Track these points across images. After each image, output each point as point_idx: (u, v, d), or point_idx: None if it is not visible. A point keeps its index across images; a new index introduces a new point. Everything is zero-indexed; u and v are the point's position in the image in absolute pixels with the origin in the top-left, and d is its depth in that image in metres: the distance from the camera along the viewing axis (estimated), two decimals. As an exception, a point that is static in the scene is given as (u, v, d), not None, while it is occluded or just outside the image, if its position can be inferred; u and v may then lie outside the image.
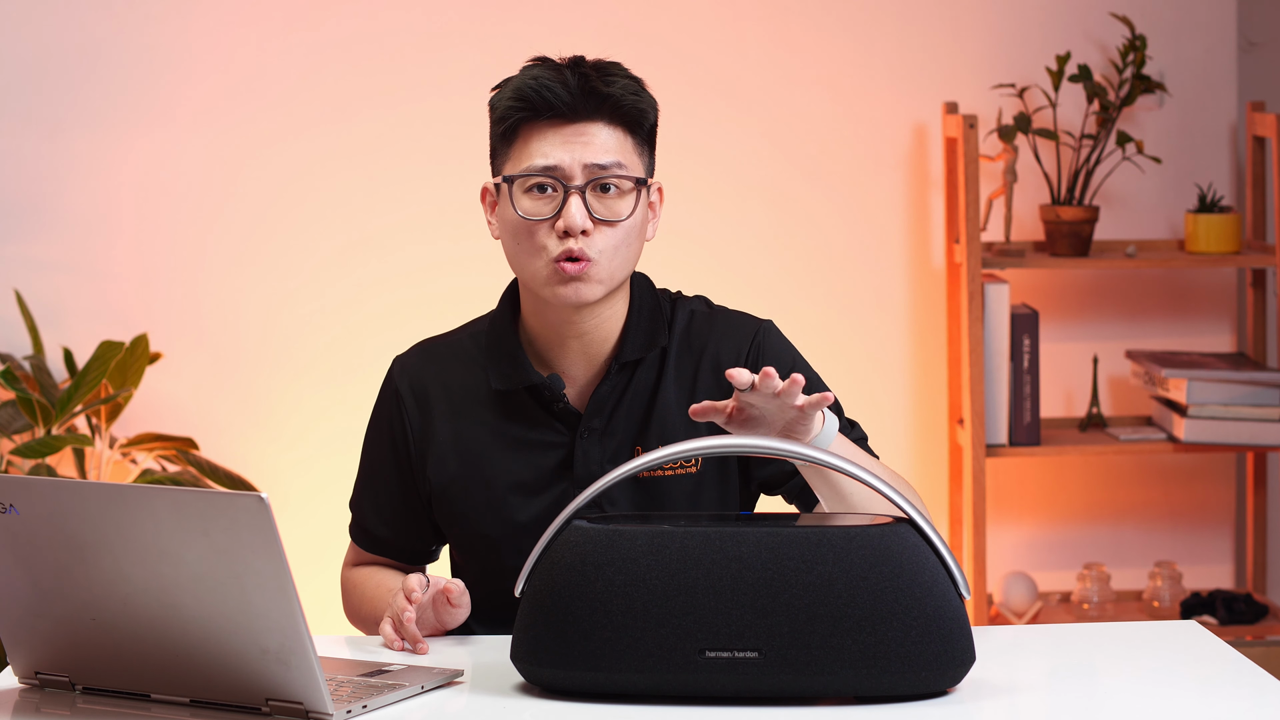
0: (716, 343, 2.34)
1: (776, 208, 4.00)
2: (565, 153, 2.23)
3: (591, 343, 2.31)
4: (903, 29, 3.99)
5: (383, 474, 2.39)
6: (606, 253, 2.23)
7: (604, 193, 2.24)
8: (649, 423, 2.31)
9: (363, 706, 1.91)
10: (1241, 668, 2.05)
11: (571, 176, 2.23)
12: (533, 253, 2.24)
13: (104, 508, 1.86)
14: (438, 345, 2.40)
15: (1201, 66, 4.06)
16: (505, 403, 2.33)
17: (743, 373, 2.03)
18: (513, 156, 2.26)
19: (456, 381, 2.35)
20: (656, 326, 2.33)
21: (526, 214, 2.23)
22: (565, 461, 2.31)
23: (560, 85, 2.22)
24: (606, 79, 2.25)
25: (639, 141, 2.28)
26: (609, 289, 2.26)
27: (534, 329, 2.33)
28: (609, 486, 1.97)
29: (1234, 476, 4.14)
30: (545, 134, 2.24)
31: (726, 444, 2.00)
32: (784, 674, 1.90)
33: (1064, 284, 4.09)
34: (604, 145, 2.24)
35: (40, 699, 1.98)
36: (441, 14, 3.92)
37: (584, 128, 2.23)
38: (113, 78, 3.88)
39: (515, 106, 2.24)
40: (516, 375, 2.31)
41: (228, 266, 3.92)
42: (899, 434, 4.03)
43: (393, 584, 2.36)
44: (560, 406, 2.31)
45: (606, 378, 2.31)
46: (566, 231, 2.21)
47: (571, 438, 2.31)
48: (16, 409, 3.73)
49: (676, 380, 2.33)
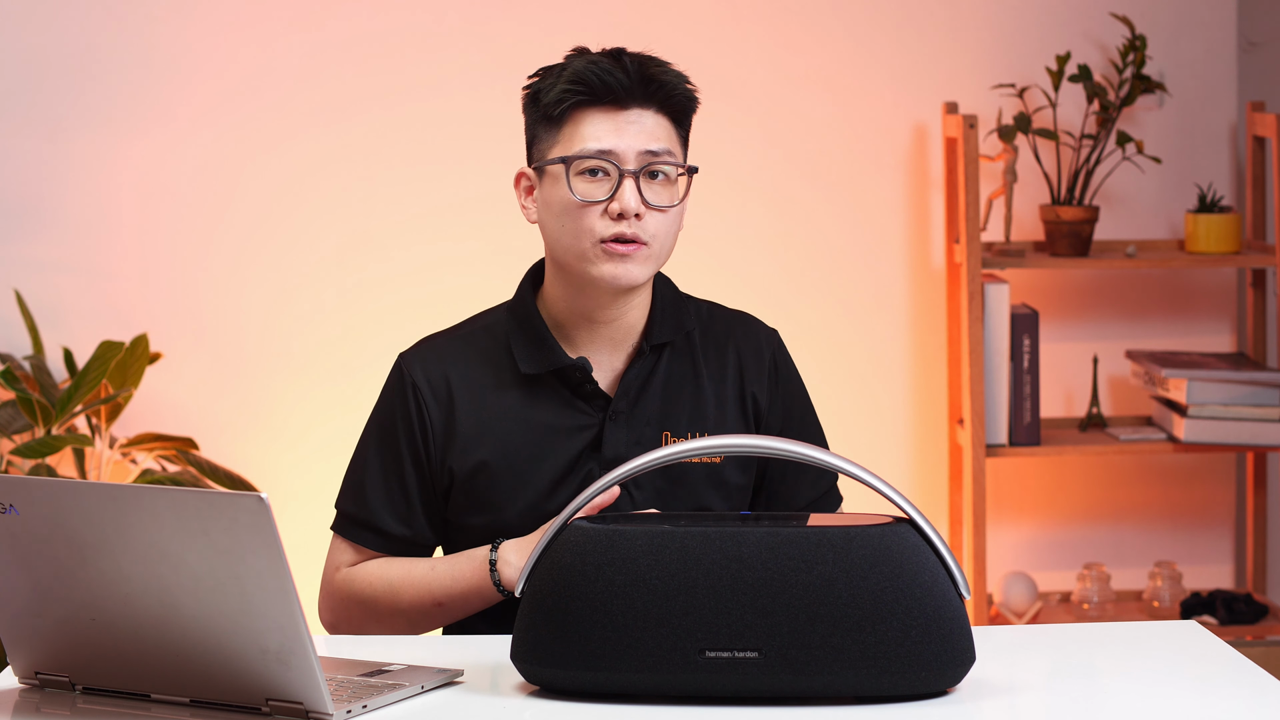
0: (740, 338, 2.41)
1: (776, 208, 4.00)
2: (618, 138, 2.28)
3: (619, 329, 2.35)
4: (903, 29, 3.99)
5: (399, 470, 2.36)
6: (659, 237, 2.29)
7: (653, 179, 2.29)
8: (678, 407, 2.35)
9: (363, 706, 1.91)
10: (1241, 668, 2.05)
11: (625, 161, 2.28)
12: (580, 234, 2.28)
13: (104, 508, 1.86)
14: (447, 339, 2.41)
15: (1201, 66, 4.06)
16: (532, 388, 2.34)
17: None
18: (563, 140, 2.30)
19: (476, 371, 2.36)
20: (682, 313, 2.38)
21: (582, 196, 2.27)
22: (594, 443, 2.33)
23: (620, 71, 2.29)
24: (659, 68, 2.32)
25: (681, 133, 2.35)
26: (652, 273, 2.32)
27: (561, 314, 2.35)
28: (636, 473, 1.99)
29: (1234, 476, 4.14)
30: (598, 119, 2.29)
31: (735, 444, 2.00)
32: (784, 674, 1.90)
33: (1064, 284, 4.09)
34: (654, 132, 2.30)
35: (40, 699, 1.98)
36: (442, 14, 3.92)
37: (636, 114, 2.29)
38: (113, 78, 3.88)
39: (572, 90, 2.29)
40: (546, 358, 2.33)
41: (228, 266, 3.92)
42: (899, 434, 4.03)
43: (419, 565, 2.33)
44: (589, 388, 2.33)
45: (636, 360, 2.34)
46: (621, 214, 2.26)
47: (601, 419, 2.33)
48: (16, 409, 3.73)
49: (708, 368, 2.38)
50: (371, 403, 2.44)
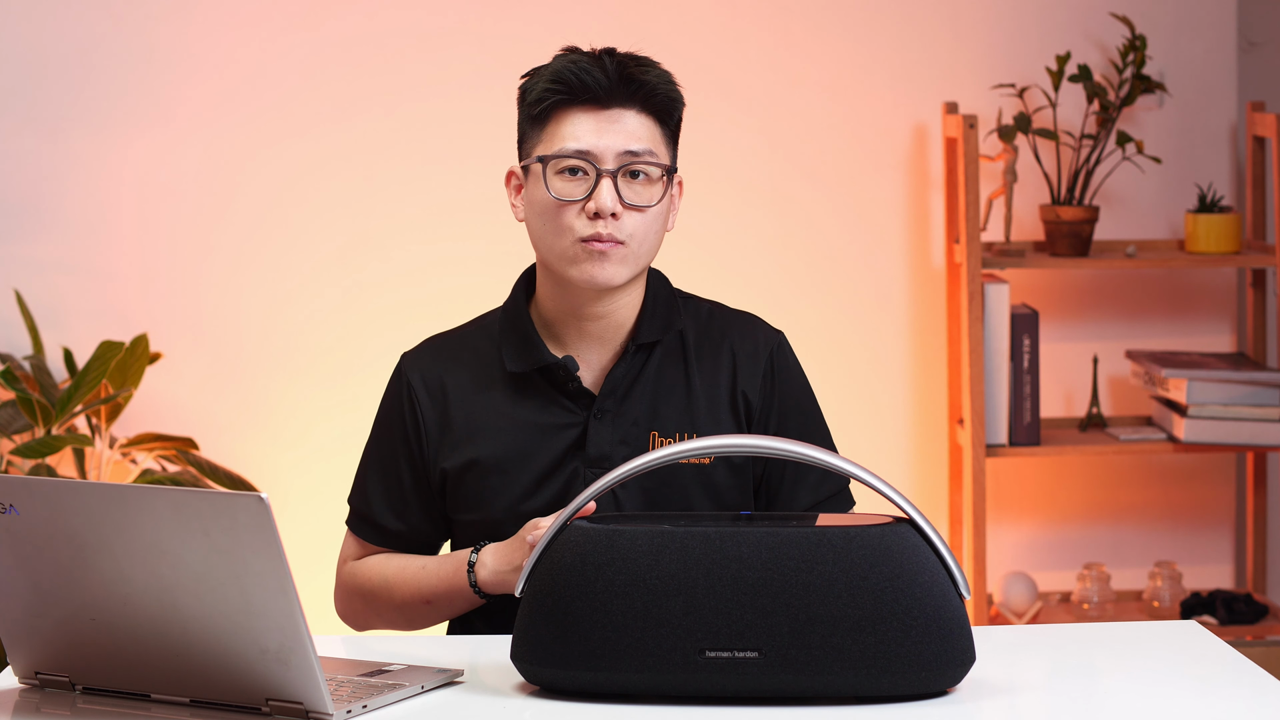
0: (736, 338, 2.40)
1: (776, 208, 4.00)
2: (598, 137, 2.28)
3: (607, 328, 2.35)
4: (903, 29, 3.99)
5: (395, 467, 2.39)
6: (636, 237, 2.28)
7: (633, 179, 2.29)
8: (667, 407, 2.34)
9: (363, 706, 1.91)
10: (1241, 668, 2.05)
11: (603, 160, 2.28)
12: (560, 233, 2.28)
13: (104, 508, 1.86)
14: (447, 339, 2.43)
15: (1201, 66, 4.06)
16: (519, 386, 2.35)
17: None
18: (545, 139, 2.30)
19: (469, 370, 2.38)
20: (672, 312, 2.38)
21: (559, 195, 2.28)
22: (578, 442, 2.33)
23: (598, 70, 2.28)
24: (642, 68, 2.31)
25: (667, 133, 2.33)
26: (634, 273, 2.31)
27: (550, 313, 2.36)
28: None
29: (1234, 476, 4.14)
30: (579, 118, 2.29)
31: (730, 444, 2.00)
32: (784, 674, 1.90)
33: (1064, 284, 4.09)
34: (635, 132, 2.29)
35: (40, 699, 1.98)
36: (442, 14, 3.92)
37: (617, 114, 2.29)
38: (113, 78, 3.88)
39: (552, 89, 2.29)
40: (530, 356, 2.34)
41: (228, 266, 3.92)
42: (899, 434, 4.03)
43: (414, 563, 2.36)
44: (574, 387, 2.33)
45: (622, 359, 2.34)
46: (596, 213, 2.26)
47: (585, 418, 2.33)
48: (16, 409, 3.73)
49: (700, 367, 2.37)
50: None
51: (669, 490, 2.33)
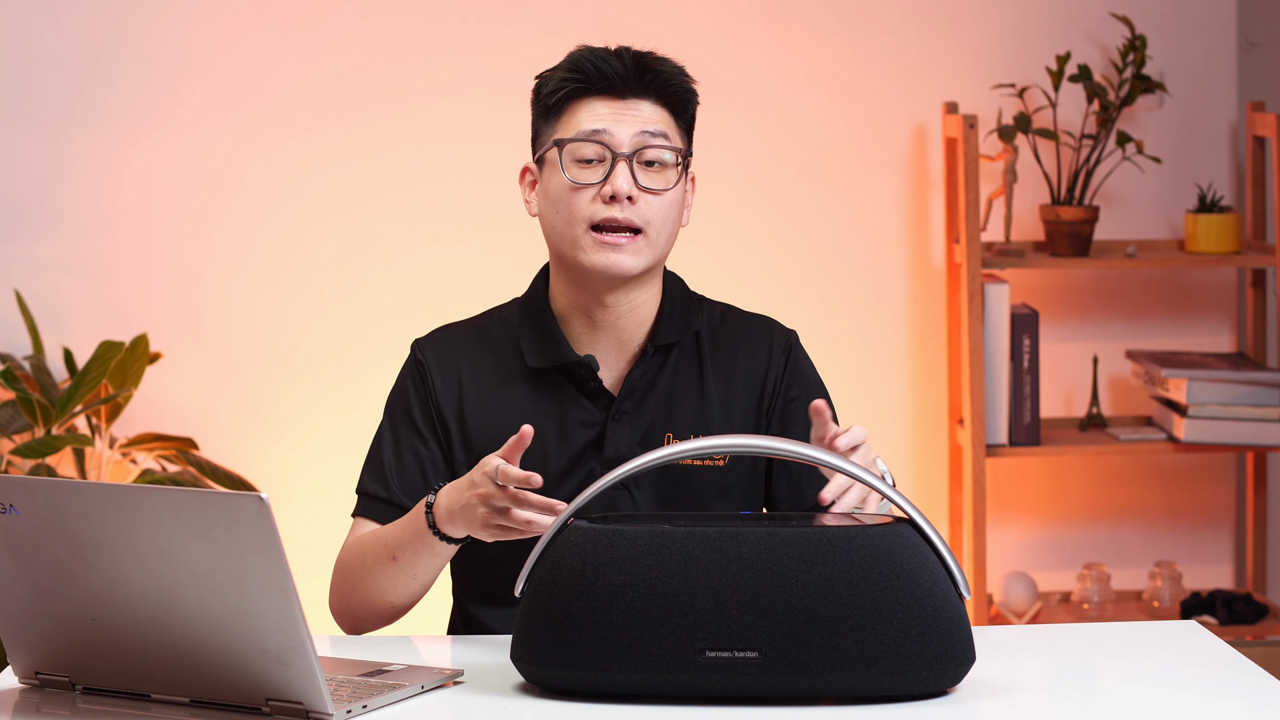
0: (751, 340, 2.40)
1: (776, 208, 4.00)
2: (615, 122, 2.30)
3: (624, 328, 2.35)
4: (903, 29, 3.99)
5: (415, 448, 2.36)
6: (654, 224, 2.29)
7: (648, 166, 2.30)
8: (682, 409, 2.34)
9: (363, 706, 1.91)
10: (1241, 668, 2.05)
11: (620, 144, 2.29)
12: (573, 220, 2.29)
13: (104, 508, 1.86)
14: (461, 329, 2.42)
15: (1201, 66, 4.06)
16: (538, 382, 2.35)
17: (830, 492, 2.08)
18: (560, 128, 2.32)
19: (485, 362, 2.37)
20: (690, 313, 2.38)
21: (575, 179, 2.28)
22: (596, 442, 2.33)
23: (615, 61, 2.31)
24: (657, 59, 2.33)
25: (682, 125, 2.35)
26: (650, 263, 2.30)
27: (565, 313, 2.36)
28: (637, 472, 1.98)
29: (1234, 476, 4.14)
30: (596, 105, 2.31)
31: (733, 444, 2.00)
32: (784, 674, 1.90)
33: (1064, 284, 4.09)
34: (652, 119, 2.31)
35: (40, 699, 1.98)
36: (441, 15, 3.92)
37: (633, 103, 2.31)
38: (113, 78, 3.88)
39: (569, 78, 2.31)
40: (554, 352, 2.34)
41: (228, 266, 3.92)
42: (899, 434, 4.03)
43: (381, 529, 2.31)
44: (594, 386, 2.33)
45: (640, 360, 2.34)
46: (613, 196, 2.27)
47: (604, 418, 2.33)
48: (16, 409, 3.73)
49: (714, 370, 2.37)
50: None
51: (682, 492, 2.33)
